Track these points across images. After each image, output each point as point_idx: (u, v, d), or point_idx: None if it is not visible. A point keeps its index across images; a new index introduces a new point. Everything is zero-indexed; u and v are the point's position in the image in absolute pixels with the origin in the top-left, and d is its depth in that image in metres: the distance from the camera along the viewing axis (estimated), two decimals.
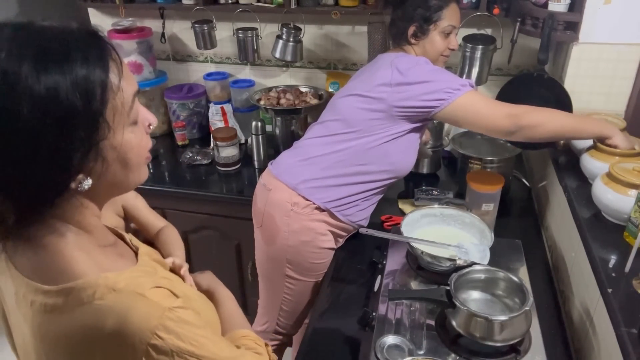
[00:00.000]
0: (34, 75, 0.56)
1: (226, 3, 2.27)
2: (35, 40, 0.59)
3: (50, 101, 0.57)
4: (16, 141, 0.57)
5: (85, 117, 0.60)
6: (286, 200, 1.53)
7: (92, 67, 0.60)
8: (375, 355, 1.12)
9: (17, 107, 0.56)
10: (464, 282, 1.22)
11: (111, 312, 0.63)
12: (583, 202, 1.35)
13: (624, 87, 1.61)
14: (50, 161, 0.59)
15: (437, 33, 1.52)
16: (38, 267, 0.65)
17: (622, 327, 0.96)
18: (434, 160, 2.01)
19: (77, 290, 0.63)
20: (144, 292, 0.65)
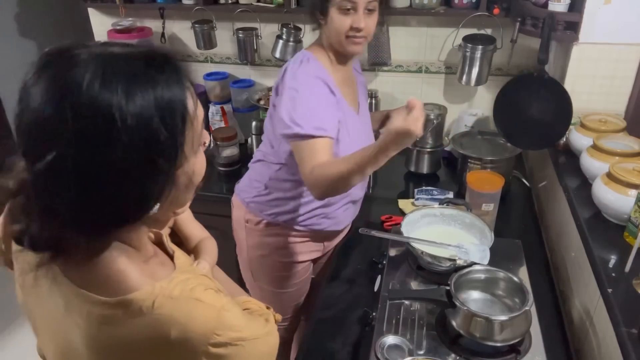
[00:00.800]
0: (126, 106, 0.56)
1: (226, 3, 2.27)
2: (122, 69, 0.58)
3: (141, 131, 0.57)
4: (103, 168, 0.57)
5: (168, 145, 0.60)
6: (242, 217, 1.60)
7: (176, 97, 0.61)
8: (375, 355, 1.12)
9: (111, 137, 0.56)
10: (464, 282, 1.22)
11: (172, 320, 0.64)
12: (583, 202, 1.35)
13: (624, 87, 1.61)
14: (134, 191, 0.60)
15: (334, 9, 1.34)
16: (93, 280, 0.66)
17: (622, 327, 0.96)
18: (434, 160, 2.01)
19: (136, 301, 0.64)
20: (199, 297, 0.67)
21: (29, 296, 0.75)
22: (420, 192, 1.82)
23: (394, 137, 1.11)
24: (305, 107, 1.32)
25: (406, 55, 2.20)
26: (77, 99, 0.55)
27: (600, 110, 1.62)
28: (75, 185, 0.57)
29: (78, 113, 0.55)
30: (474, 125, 2.09)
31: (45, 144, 0.56)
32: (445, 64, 2.18)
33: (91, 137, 0.56)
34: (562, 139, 1.63)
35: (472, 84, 2.03)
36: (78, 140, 0.56)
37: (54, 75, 0.58)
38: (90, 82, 0.56)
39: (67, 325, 0.69)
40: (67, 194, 0.57)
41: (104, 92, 0.56)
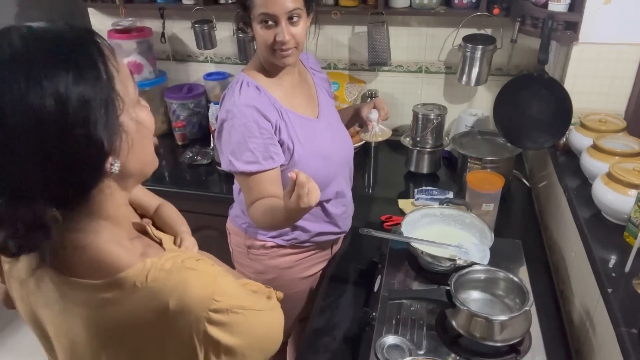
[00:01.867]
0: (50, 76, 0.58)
1: (226, 3, 2.26)
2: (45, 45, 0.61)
3: (69, 92, 0.59)
4: (50, 135, 0.58)
5: (100, 95, 0.62)
6: (242, 244, 1.56)
7: (91, 52, 0.63)
8: (375, 355, 1.12)
9: (42, 103, 0.57)
10: (464, 282, 1.22)
11: (169, 290, 0.65)
12: (583, 202, 1.35)
13: (624, 87, 1.61)
14: (84, 145, 0.60)
15: (256, 22, 1.28)
16: (84, 267, 0.67)
17: (622, 327, 0.96)
18: (434, 160, 2.01)
19: (130, 278, 0.65)
20: (192, 266, 0.69)
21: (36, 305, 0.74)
22: (420, 192, 1.82)
23: (294, 211, 1.13)
24: (236, 143, 1.30)
25: (406, 55, 2.20)
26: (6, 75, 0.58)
27: (600, 110, 1.62)
28: (27, 158, 0.58)
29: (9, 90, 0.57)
30: (474, 125, 2.09)
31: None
32: (445, 64, 2.18)
33: (27, 110, 0.57)
34: (562, 139, 1.63)
35: (472, 84, 2.03)
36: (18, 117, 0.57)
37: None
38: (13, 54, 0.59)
39: (69, 319, 0.70)
40: (23, 169, 0.59)
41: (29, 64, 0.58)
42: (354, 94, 2.24)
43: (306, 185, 1.07)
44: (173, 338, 0.67)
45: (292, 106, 1.40)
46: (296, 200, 1.08)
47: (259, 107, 1.31)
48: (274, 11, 1.24)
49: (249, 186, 1.33)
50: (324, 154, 1.43)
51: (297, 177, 1.07)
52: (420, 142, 1.97)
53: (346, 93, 2.24)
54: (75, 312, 0.69)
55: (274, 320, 0.82)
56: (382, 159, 2.23)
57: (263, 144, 1.31)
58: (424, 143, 1.97)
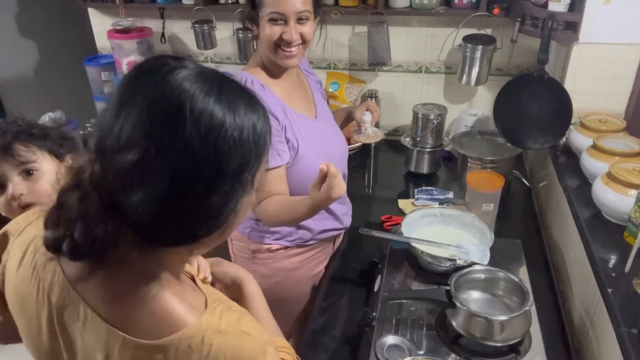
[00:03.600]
0: (233, 121, 0.59)
1: (226, 3, 2.26)
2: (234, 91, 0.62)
3: (238, 147, 0.59)
4: (199, 180, 0.57)
5: (248, 173, 0.61)
6: (246, 249, 1.55)
7: (266, 127, 0.64)
8: (375, 355, 1.12)
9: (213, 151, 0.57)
10: (464, 282, 1.22)
11: (222, 355, 0.63)
12: (583, 202, 1.35)
13: (624, 87, 1.61)
14: (212, 210, 0.59)
15: (264, 21, 1.29)
16: (138, 322, 0.63)
17: (622, 327, 0.96)
18: (434, 160, 2.01)
19: (184, 339, 0.62)
20: (246, 330, 0.66)
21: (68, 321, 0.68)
22: (420, 192, 1.82)
23: (321, 202, 1.17)
24: None
25: (406, 55, 2.20)
26: (191, 106, 0.56)
27: (600, 110, 1.62)
28: (160, 187, 0.56)
29: (186, 120, 0.56)
30: (474, 125, 2.09)
31: (138, 144, 0.55)
32: (445, 64, 2.18)
33: (193, 146, 0.56)
34: (562, 139, 1.63)
35: (472, 84, 2.03)
36: (178, 144, 0.55)
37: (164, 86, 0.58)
38: (206, 95, 0.58)
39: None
40: (147, 194, 0.56)
41: (218, 107, 0.58)
42: (354, 94, 2.24)
43: (338, 176, 1.12)
44: None
45: (292, 106, 1.41)
46: (327, 191, 1.12)
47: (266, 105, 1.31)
48: (284, 10, 1.26)
49: None
50: (325, 152, 1.44)
51: (328, 168, 1.11)
52: (420, 142, 1.97)
53: (346, 93, 2.24)
54: (102, 358, 0.64)
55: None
56: (382, 159, 2.23)
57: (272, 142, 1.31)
58: (424, 143, 1.97)
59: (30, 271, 0.69)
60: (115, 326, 0.63)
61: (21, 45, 3.14)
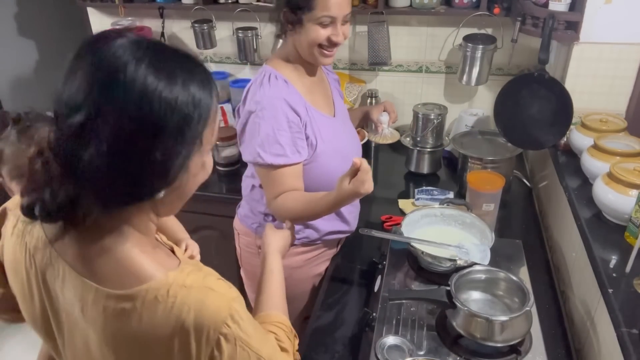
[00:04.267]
0: (167, 86, 0.63)
1: (226, 3, 2.26)
2: (169, 58, 0.66)
3: (174, 109, 0.63)
4: (137, 146, 0.62)
5: (193, 130, 0.66)
6: (252, 244, 1.56)
7: (206, 91, 0.67)
8: (375, 355, 1.12)
9: (150, 113, 0.62)
10: (464, 283, 1.21)
11: (187, 307, 0.67)
12: (584, 202, 1.35)
13: (625, 87, 1.60)
14: (157, 167, 0.64)
15: (312, 23, 1.30)
16: (107, 273, 0.68)
17: (622, 327, 0.96)
18: (434, 160, 2.01)
19: (152, 290, 0.67)
20: (212, 286, 0.70)
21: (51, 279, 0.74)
22: (421, 192, 1.81)
23: (348, 196, 1.18)
24: (265, 134, 1.30)
25: (406, 55, 2.20)
26: (125, 72, 0.61)
27: (600, 110, 1.62)
28: (104, 147, 0.60)
29: (120, 85, 0.61)
30: (475, 125, 2.09)
31: (83, 105, 0.61)
32: (445, 64, 2.18)
33: (129, 108, 0.61)
34: (562, 139, 1.63)
35: (472, 83, 2.03)
36: (116, 107, 0.61)
37: (103, 49, 0.63)
38: (139, 61, 0.62)
39: (84, 323, 0.71)
40: (94, 154, 0.60)
41: (151, 72, 0.62)
42: (354, 93, 2.24)
43: (370, 172, 1.14)
44: (182, 355, 0.68)
45: (313, 103, 1.42)
46: (357, 186, 1.14)
47: (289, 101, 1.33)
48: (335, 14, 1.30)
49: (273, 179, 1.33)
50: (342, 152, 1.45)
51: (361, 163, 1.12)
52: (421, 142, 1.97)
53: (346, 93, 2.24)
54: (92, 317, 0.70)
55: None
56: (383, 158, 2.23)
57: (291, 137, 1.32)
58: (424, 143, 1.97)
59: (20, 238, 0.76)
60: (88, 279, 0.69)
61: (21, 45, 3.14)
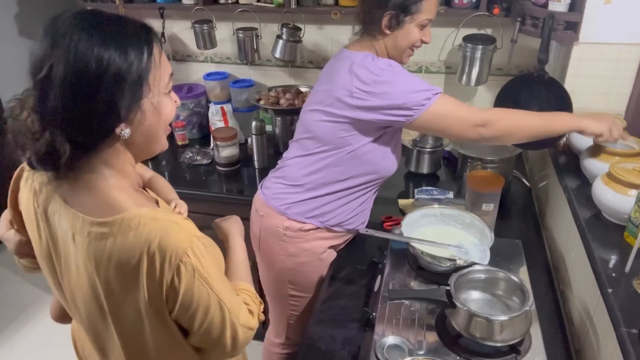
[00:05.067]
0: (100, 45, 0.76)
1: (226, 3, 2.27)
2: (104, 22, 0.80)
3: (111, 63, 0.77)
4: (82, 91, 0.76)
5: (133, 77, 0.79)
6: (278, 226, 1.54)
7: (138, 45, 0.80)
8: (375, 355, 1.12)
9: (87, 66, 0.75)
10: (464, 282, 1.22)
11: (153, 234, 0.80)
12: (583, 202, 1.35)
13: (624, 87, 1.61)
14: (104, 107, 0.77)
15: (414, 25, 1.40)
16: (91, 205, 0.83)
17: (622, 327, 0.96)
18: (434, 160, 2.01)
19: (126, 219, 0.81)
20: (177, 221, 0.83)
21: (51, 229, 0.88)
22: (421, 192, 1.82)
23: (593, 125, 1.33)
24: (412, 79, 1.36)
25: None
26: (66, 35, 0.76)
27: (600, 110, 1.62)
28: (59, 94, 0.75)
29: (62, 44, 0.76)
30: None
31: (42, 66, 0.76)
32: (445, 64, 2.18)
33: (71, 64, 0.75)
34: (562, 139, 1.63)
35: (472, 84, 2.03)
36: (62, 64, 0.75)
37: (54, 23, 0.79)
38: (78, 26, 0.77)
39: (73, 248, 0.85)
40: (54, 102, 0.75)
41: (84, 37, 0.76)
42: None
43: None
44: (149, 278, 0.81)
45: None
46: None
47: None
48: (433, 17, 1.43)
49: (454, 101, 1.36)
50: None
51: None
52: (420, 142, 1.97)
53: None
54: (79, 242, 0.84)
55: (229, 324, 0.90)
56: None
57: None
58: (424, 143, 1.97)
59: (29, 184, 0.91)
60: (77, 210, 0.84)
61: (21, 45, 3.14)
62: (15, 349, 2.49)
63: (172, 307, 0.85)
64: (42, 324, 2.61)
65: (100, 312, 0.88)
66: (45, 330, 2.57)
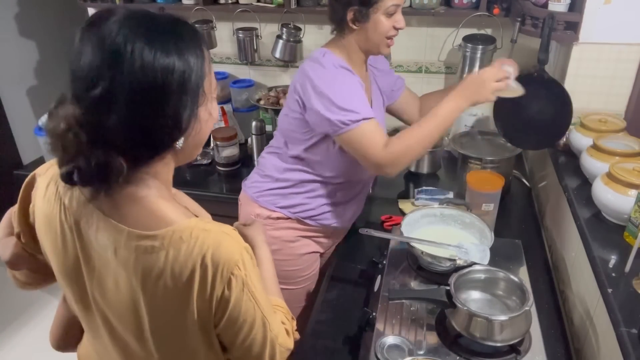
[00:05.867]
0: (162, 54, 0.72)
1: (226, 3, 2.27)
2: (160, 28, 0.75)
3: (175, 72, 0.73)
4: (150, 105, 0.73)
5: (193, 85, 0.76)
6: (250, 213, 1.60)
7: (197, 49, 0.78)
8: (375, 355, 1.12)
9: (154, 77, 0.72)
10: (464, 282, 1.22)
11: (206, 246, 0.77)
12: (583, 202, 1.35)
13: (624, 87, 1.61)
14: (170, 120, 0.75)
15: (380, 14, 1.36)
16: (136, 218, 0.79)
17: (622, 327, 0.96)
18: (433, 160, 2.01)
19: (177, 231, 0.77)
20: (227, 232, 0.81)
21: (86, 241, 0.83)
22: (420, 192, 1.82)
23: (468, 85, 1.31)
24: (346, 95, 1.34)
25: (406, 55, 2.20)
26: (127, 48, 0.70)
27: (600, 110, 1.62)
28: (123, 112, 0.71)
29: (125, 58, 0.70)
30: (474, 125, 2.09)
31: (98, 81, 0.70)
32: (445, 64, 2.18)
33: (135, 78, 0.71)
34: (562, 139, 1.63)
35: None
36: (125, 78, 0.70)
37: (103, 30, 0.72)
38: (136, 35, 0.71)
39: (115, 265, 0.80)
40: (116, 120, 0.71)
41: (146, 48, 0.71)
42: None
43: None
44: (200, 291, 0.78)
45: None
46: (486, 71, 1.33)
47: (350, 70, 1.41)
48: (400, 2, 1.38)
49: (372, 130, 1.34)
50: None
51: None
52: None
53: None
54: (123, 258, 0.79)
55: (269, 343, 0.87)
56: None
57: (365, 97, 1.39)
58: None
59: (54, 195, 0.85)
60: (121, 224, 0.78)
61: (21, 45, 3.15)
62: (16, 350, 2.49)
63: (218, 322, 0.82)
64: (43, 325, 2.61)
65: (138, 329, 0.84)
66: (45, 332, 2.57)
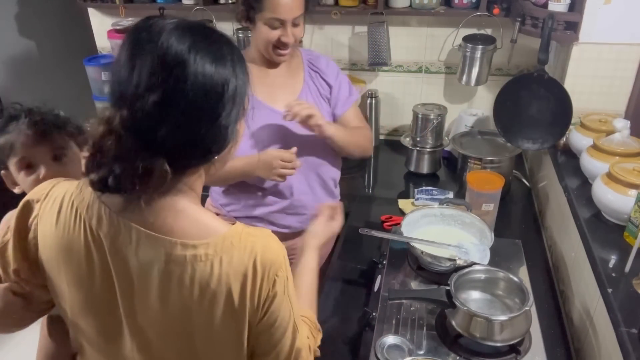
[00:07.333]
0: (218, 67, 0.73)
1: (226, 3, 2.27)
2: (213, 41, 0.75)
3: (230, 84, 0.74)
4: (207, 115, 0.73)
5: (241, 97, 0.77)
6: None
7: (242, 64, 0.78)
8: (375, 355, 1.12)
9: (214, 88, 0.73)
10: (464, 282, 1.22)
11: (256, 249, 0.77)
12: (583, 202, 1.35)
13: (624, 87, 1.61)
14: (221, 130, 0.75)
15: (261, 23, 1.36)
16: (184, 229, 0.76)
17: (622, 327, 0.96)
18: (433, 160, 2.01)
19: (227, 237, 0.77)
20: (270, 235, 0.81)
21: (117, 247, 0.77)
22: (420, 192, 1.82)
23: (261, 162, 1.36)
24: None
25: (406, 55, 2.20)
26: (187, 65, 0.70)
27: (600, 110, 1.62)
28: (180, 120, 0.71)
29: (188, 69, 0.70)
30: (474, 125, 2.09)
31: (157, 87, 0.70)
32: (445, 64, 2.18)
33: (195, 88, 0.71)
34: (562, 139, 1.63)
35: (472, 84, 2.03)
36: (187, 86, 0.70)
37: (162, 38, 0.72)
38: (193, 52, 0.71)
39: (159, 281, 0.76)
40: (171, 128, 0.70)
41: (207, 61, 0.72)
42: None
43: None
44: (251, 295, 0.77)
45: (259, 93, 1.43)
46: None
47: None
48: (284, 17, 1.34)
49: None
50: (268, 145, 1.45)
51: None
52: (420, 142, 1.97)
53: None
54: (169, 270, 0.75)
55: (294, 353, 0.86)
56: (382, 159, 2.23)
57: None
58: (424, 143, 1.97)
59: (73, 218, 0.79)
60: (166, 236, 0.75)
61: (21, 45, 3.14)
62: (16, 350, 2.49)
63: (258, 323, 0.80)
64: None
65: (183, 344, 0.80)
66: None
